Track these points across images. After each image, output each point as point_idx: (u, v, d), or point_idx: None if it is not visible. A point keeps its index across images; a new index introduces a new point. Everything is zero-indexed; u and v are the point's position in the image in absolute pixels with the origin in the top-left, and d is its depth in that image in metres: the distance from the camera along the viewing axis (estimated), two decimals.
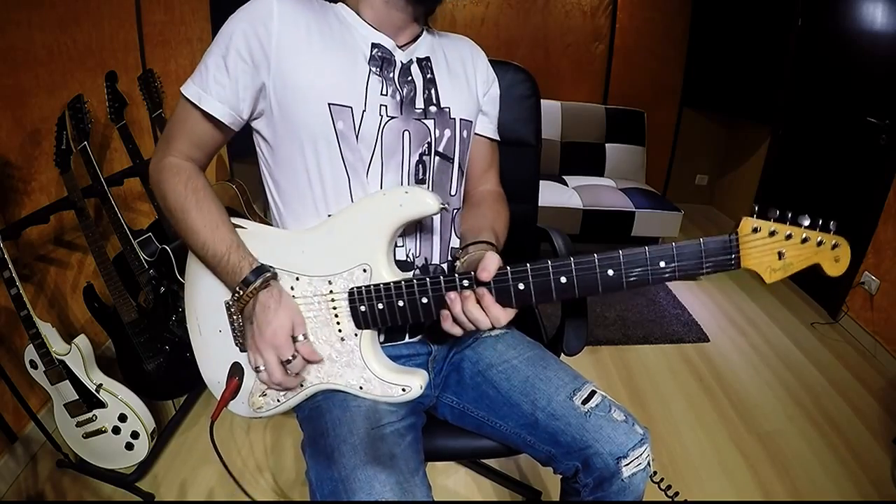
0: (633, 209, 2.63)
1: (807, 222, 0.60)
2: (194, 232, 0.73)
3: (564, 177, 2.96)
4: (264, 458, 1.48)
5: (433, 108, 0.80)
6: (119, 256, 1.44)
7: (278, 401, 0.78)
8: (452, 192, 0.85)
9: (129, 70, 1.79)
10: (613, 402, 0.79)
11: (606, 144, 3.06)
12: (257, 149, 0.81)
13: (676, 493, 0.98)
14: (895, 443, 1.59)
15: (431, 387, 0.86)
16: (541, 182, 1.21)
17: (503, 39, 3.04)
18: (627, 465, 0.74)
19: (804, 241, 0.60)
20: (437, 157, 0.81)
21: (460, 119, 0.83)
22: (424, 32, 0.84)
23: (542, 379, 0.81)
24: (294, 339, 0.70)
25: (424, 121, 0.79)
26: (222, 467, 0.78)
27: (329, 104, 0.72)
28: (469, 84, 0.87)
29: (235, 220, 0.78)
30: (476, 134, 0.91)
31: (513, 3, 2.99)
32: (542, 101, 1.14)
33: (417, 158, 0.78)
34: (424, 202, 0.69)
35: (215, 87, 0.72)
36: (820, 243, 0.60)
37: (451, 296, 0.67)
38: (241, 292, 0.70)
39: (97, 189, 1.38)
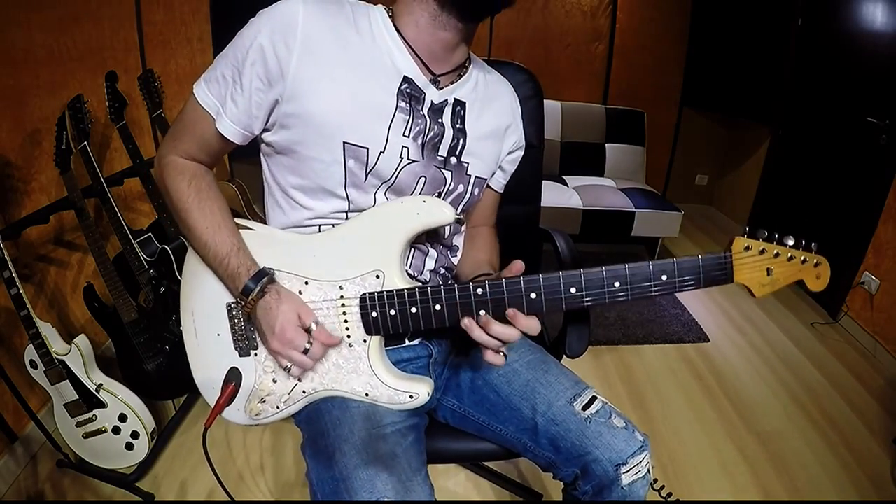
0: (633, 209, 2.63)
1: (791, 242, 0.66)
2: (196, 232, 0.73)
3: (564, 177, 2.95)
4: (265, 458, 1.48)
5: (453, 160, 0.77)
6: (119, 256, 1.44)
7: (277, 407, 0.78)
8: (445, 235, 0.84)
9: (129, 70, 1.79)
10: (614, 408, 0.79)
11: (606, 144, 3.06)
12: (261, 153, 0.78)
13: (677, 501, 0.98)
14: (895, 443, 1.59)
15: (433, 389, 0.85)
16: None
17: (503, 39, 3.04)
18: (627, 472, 0.73)
19: (790, 259, 0.66)
20: None
21: (476, 177, 0.81)
22: (472, 67, 0.79)
23: (542, 383, 0.80)
24: (307, 330, 0.70)
25: (444, 170, 0.77)
26: (221, 468, 0.78)
27: (344, 143, 0.69)
28: (497, 143, 0.84)
29: (245, 222, 0.77)
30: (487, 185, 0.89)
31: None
32: None
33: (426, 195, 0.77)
34: (441, 212, 0.70)
35: (230, 106, 0.69)
36: (804, 261, 0.67)
37: (466, 322, 0.67)
38: (243, 302, 0.70)
39: (97, 189, 1.38)
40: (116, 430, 1.30)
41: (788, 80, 2.63)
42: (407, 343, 0.83)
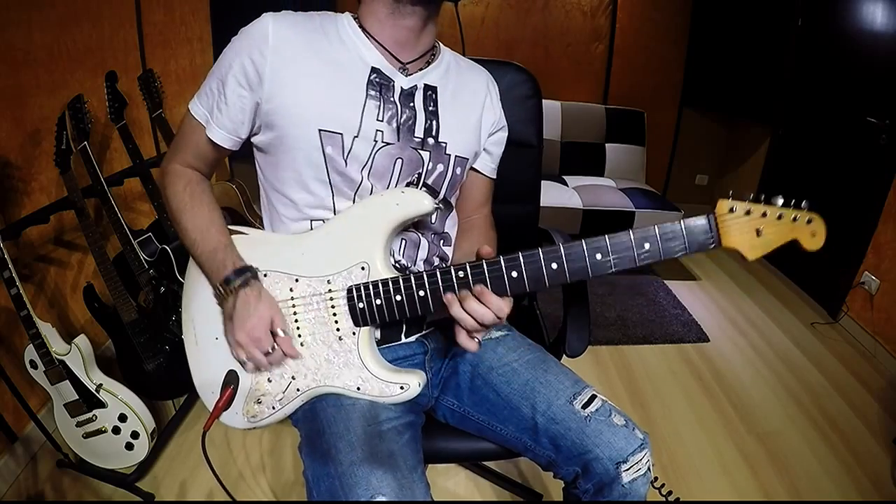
0: (633, 209, 2.63)
1: (780, 201, 0.63)
2: (187, 231, 0.78)
3: (564, 177, 2.96)
4: (264, 459, 1.48)
5: (431, 141, 0.81)
6: (119, 256, 1.44)
7: (273, 407, 0.78)
8: (432, 221, 0.85)
9: (129, 70, 1.79)
10: (613, 406, 0.79)
11: (606, 144, 3.06)
12: (254, 155, 0.83)
13: (677, 499, 0.98)
14: (895, 443, 1.59)
15: (430, 387, 0.86)
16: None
17: (503, 39, 3.04)
18: (627, 470, 0.73)
19: (779, 217, 0.63)
20: (423, 189, 0.82)
21: (456, 156, 0.84)
22: (443, 54, 0.84)
23: (542, 383, 0.81)
24: (273, 335, 0.72)
25: (421, 151, 0.80)
26: (221, 469, 0.78)
27: (319, 130, 0.73)
28: (474, 123, 0.87)
29: (237, 228, 0.80)
30: (475, 169, 0.92)
31: (513, 3, 2.99)
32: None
33: (405, 187, 0.80)
34: (420, 202, 0.72)
35: (216, 114, 0.76)
36: (795, 219, 0.63)
37: (448, 297, 0.68)
38: (222, 289, 0.73)
39: (97, 189, 1.38)
40: (116, 430, 1.30)
41: (788, 79, 2.63)
42: (403, 340, 0.84)
